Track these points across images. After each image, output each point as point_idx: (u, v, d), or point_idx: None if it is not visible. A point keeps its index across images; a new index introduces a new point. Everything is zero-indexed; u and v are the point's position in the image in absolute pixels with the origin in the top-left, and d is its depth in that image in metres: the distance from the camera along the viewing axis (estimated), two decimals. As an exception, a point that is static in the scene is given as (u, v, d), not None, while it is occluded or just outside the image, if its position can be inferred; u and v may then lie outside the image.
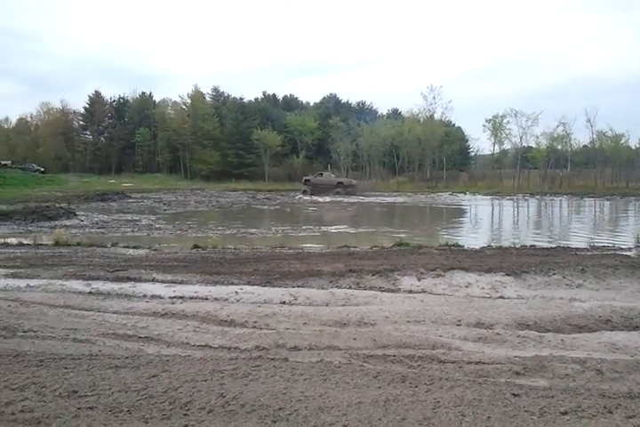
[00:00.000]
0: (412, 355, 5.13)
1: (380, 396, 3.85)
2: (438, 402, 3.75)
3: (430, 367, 4.77)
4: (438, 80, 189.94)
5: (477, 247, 12.90)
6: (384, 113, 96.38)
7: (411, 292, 8.26)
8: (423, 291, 8.31)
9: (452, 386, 4.06)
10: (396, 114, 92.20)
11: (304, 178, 56.86)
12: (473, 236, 19.49)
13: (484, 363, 4.89)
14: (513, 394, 3.90)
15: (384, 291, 8.33)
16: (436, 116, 76.73)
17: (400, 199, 49.07)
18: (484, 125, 74.23)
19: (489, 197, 53.07)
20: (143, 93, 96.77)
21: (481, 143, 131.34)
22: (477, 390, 3.96)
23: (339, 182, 54.50)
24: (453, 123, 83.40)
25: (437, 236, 19.55)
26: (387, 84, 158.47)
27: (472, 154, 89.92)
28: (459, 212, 37.13)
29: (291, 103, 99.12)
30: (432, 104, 75.15)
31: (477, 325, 6.39)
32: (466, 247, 12.86)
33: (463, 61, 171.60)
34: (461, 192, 59.54)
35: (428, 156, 74.28)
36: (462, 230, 23.34)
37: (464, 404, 3.72)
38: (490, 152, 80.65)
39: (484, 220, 29.94)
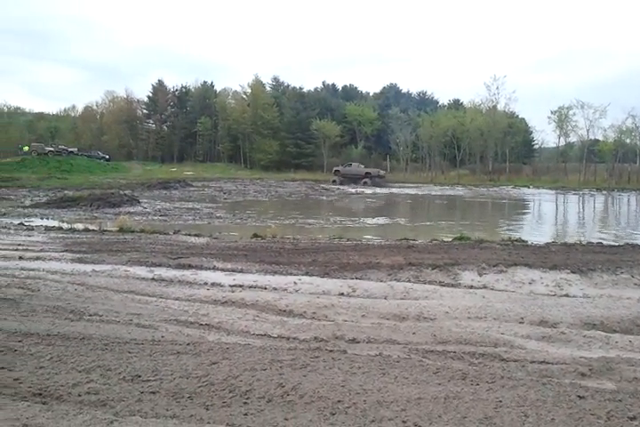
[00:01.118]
0: (472, 352, 5.04)
1: (440, 392, 3.79)
2: (500, 401, 3.66)
3: (492, 365, 4.66)
4: (502, 70, 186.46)
5: (541, 243, 12.56)
6: (445, 103, 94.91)
7: (472, 287, 8.12)
8: (485, 286, 8.16)
9: (515, 385, 3.96)
10: (457, 104, 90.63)
11: (334, 168, 58.32)
12: (537, 231, 19.01)
13: (547, 363, 4.76)
14: (578, 396, 3.77)
15: (444, 285, 8.21)
16: (499, 106, 74.91)
17: (460, 192, 48.35)
18: (548, 117, 71.99)
19: (553, 191, 51.73)
20: (205, 83, 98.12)
21: (545, 135, 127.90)
22: (541, 391, 3.85)
23: (366, 173, 55.29)
24: (517, 114, 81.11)
25: (499, 230, 19.17)
26: (448, 74, 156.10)
27: (536, 146, 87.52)
28: (522, 206, 36.32)
29: (350, 93, 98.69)
30: (495, 94, 73.39)
31: (541, 323, 6.23)
32: (529, 243, 12.53)
33: (528, 51, 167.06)
34: (524, 186, 58.27)
35: (490, 148, 72.67)
36: (525, 225, 22.81)
37: (527, 404, 3.62)
38: (555, 145, 78.29)
39: (548, 215, 29.20)
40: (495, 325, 6.11)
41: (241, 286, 8.17)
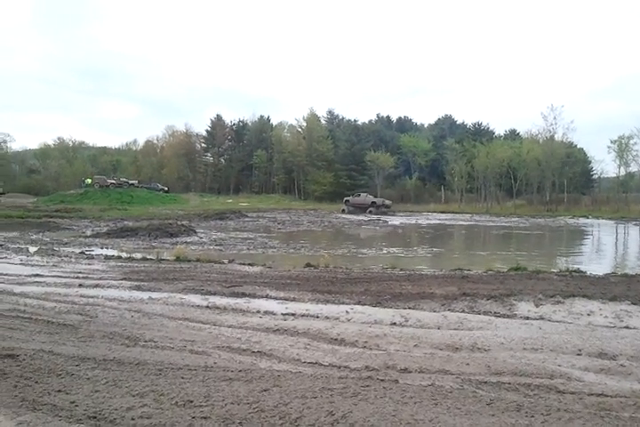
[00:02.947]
0: (528, 383, 4.89)
1: (494, 424, 3.70)
2: (556, 434, 3.55)
3: (548, 397, 4.52)
4: (559, 99, 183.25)
5: (601, 274, 12.17)
6: (501, 134, 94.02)
7: (528, 318, 7.91)
8: (541, 318, 7.93)
9: (572, 418, 3.84)
10: (513, 135, 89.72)
11: (345, 198, 61.39)
12: (596, 262, 18.43)
13: (606, 395, 4.59)
14: (639, 430, 3.63)
15: (499, 316, 8.02)
16: (556, 136, 73.32)
17: (520, 224, 47.40)
18: (608, 147, 69.86)
19: (613, 221, 50.09)
20: (261, 117, 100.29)
21: (605, 165, 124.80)
22: (599, 424, 3.72)
23: (372, 202, 58.19)
24: (575, 144, 79.41)
25: (556, 261, 18.69)
26: (504, 105, 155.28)
27: (595, 177, 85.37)
28: (580, 236, 35.34)
29: (404, 125, 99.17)
30: (553, 124, 71.95)
31: (600, 355, 6.00)
32: (588, 274, 12.16)
33: (586, 79, 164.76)
34: (583, 216, 56.71)
35: (547, 178, 71.24)
36: (584, 256, 22.15)
37: (584, 437, 3.51)
38: (615, 175, 75.91)
39: (607, 245, 28.27)
40: (552, 356, 5.92)
41: (293, 314, 8.18)
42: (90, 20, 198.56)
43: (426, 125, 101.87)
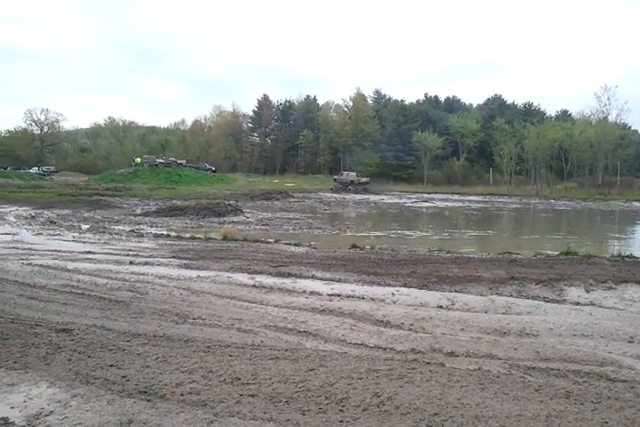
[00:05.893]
0: (577, 370, 4.81)
1: (542, 410, 3.65)
2: (606, 422, 3.49)
3: (598, 385, 4.43)
4: (613, 79, 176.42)
5: (655, 260, 11.82)
6: (552, 115, 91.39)
7: (578, 304, 7.75)
8: (592, 303, 7.76)
9: (622, 406, 3.76)
10: (565, 115, 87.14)
11: (334, 177, 65.77)
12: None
13: (659, 385, 4.48)
14: (693, 421, 3.53)
15: (548, 301, 7.88)
16: (610, 118, 70.93)
17: (571, 207, 46.33)
18: (664, 128, 67.47)
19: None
20: (308, 97, 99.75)
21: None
22: (651, 414, 3.63)
23: (351, 181, 61.50)
24: (630, 125, 76.68)
25: (609, 246, 18.24)
26: (556, 85, 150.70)
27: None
28: (633, 221, 34.36)
29: (453, 105, 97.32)
30: (606, 105, 69.63)
31: (653, 343, 5.86)
32: (641, 259, 11.83)
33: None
34: (637, 200, 55.00)
35: (600, 160, 69.17)
36: (638, 241, 21.55)
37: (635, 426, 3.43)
38: (671, 157, 73.30)
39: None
40: (602, 343, 5.81)
41: (339, 295, 8.20)
42: (139, 1, 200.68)
43: (474, 106, 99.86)
